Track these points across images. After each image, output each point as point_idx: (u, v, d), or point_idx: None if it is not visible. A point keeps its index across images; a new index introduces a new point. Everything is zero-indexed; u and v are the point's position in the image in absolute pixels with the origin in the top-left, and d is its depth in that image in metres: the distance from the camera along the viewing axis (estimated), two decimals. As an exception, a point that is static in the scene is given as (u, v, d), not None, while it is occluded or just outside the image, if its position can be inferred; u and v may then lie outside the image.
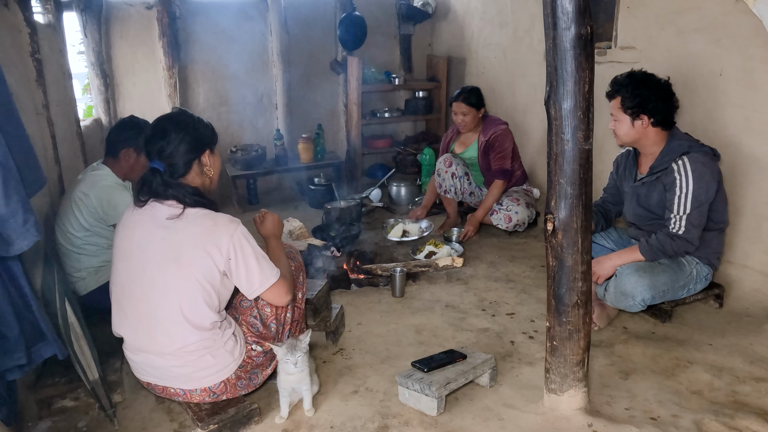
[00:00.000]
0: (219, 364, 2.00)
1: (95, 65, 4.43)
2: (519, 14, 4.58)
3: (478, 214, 3.99)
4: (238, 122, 5.12)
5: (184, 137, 1.93)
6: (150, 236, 1.92)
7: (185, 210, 1.91)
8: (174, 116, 2.02)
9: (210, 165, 2.02)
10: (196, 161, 1.97)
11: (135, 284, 1.96)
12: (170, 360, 1.97)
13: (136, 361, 2.05)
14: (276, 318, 2.19)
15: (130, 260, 1.96)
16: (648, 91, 2.61)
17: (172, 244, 1.89)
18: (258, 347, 2.11)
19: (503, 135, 3.93)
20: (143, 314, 1.96)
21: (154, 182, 1.92)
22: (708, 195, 2.57)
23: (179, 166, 1.93)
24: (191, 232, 1.89)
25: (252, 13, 4.98)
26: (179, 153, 1.92)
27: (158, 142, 1.92)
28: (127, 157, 2.82)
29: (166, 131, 1.93)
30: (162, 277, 1.90)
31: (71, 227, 2.72)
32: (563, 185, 1.88)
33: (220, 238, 1.89)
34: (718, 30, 2.98)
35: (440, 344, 2.64)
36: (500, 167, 3.93)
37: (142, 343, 2.00)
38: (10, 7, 2.83)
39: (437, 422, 2.08)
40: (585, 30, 1.76)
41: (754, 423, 1.99)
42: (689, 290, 2.75)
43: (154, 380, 2.05)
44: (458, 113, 3.99)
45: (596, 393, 2.22)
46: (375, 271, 3.34)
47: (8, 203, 1.61)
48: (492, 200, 3.97)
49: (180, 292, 1.90)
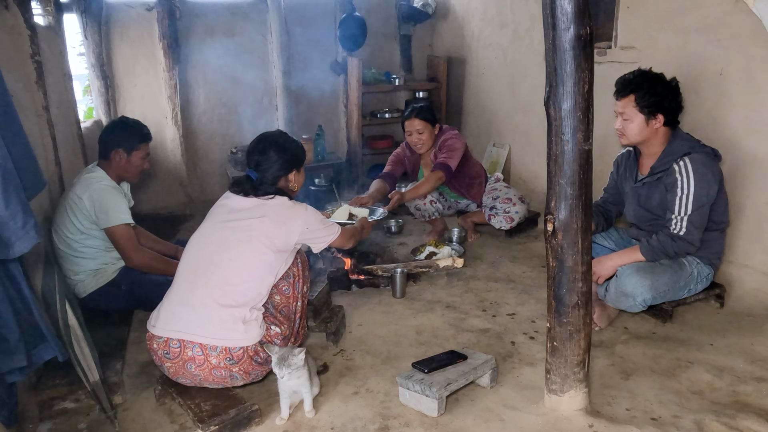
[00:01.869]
0: (247, 331, 2.12)
1: (95, 67, 4.43)
2: (519, 14, 4.58)
3: (407, 195, 3.64)
4: (239, 123, 5.11)
5: (279, 158, 2.34)
6: (241, 204, 2.29)
7: (271, 198, 2.30)
8: (276, 137, 2.43)
9: (294, 181, 2.44)
10: (284, 177, 2.39)
11: (216, 233, 2.26)
12: (213, 305, 2.11)
13: (166, 311, 2.17)
14: (286, 306, 2.36)
15: (216, 216, 2.32)
16: (664, 89, 2.60)
17: (260, 209, 2.25)
18: (276, 328, 2.23)
19: (454, 138, 3.72)
20: (211, 258, 2.20)
21: (246, 185, 2.31)
22: (709, 196, 2.56)
23: (269, 178, 2.34)
24: (275, 203, 2.28)
25: (252, 14, 4.98)
26: (272, 169, 2.34)
27: (257, 156, 2.34)
28: (118, 158, 2.83)
29: (266, 150, 2.35)
30: (245, 229, 2.22)
31: (67, 231, 2.72)
32: (563, 186, 1.88)
33: (298, 211, 2.31)
34: (718, 30, 2.97)
35: (441, 345, 2.64)
36: (442, 161, 3.66)
37: (193, 286, 2.16)
38: (10, 9, 2.83)
39: (438, 423, 2.07)
40: (584, 30, 1.75)
41: (755, 423, 1.99)
42: (690, 290, 2.75)
43: (180, 333, 2.10)
44: (413, 132, 3.69)
45: (597, 393, 2.22)
46: (375, 271, 3.34)
47: (8, 206, 1.61)
48: (426, 188, 3.66)
49: (254, 246, 2.20)
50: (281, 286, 2.34)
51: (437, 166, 3.68)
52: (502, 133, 4.98)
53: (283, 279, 2.33)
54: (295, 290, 2.38)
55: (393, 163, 3.93)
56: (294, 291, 2.38)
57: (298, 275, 2.39)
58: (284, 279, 2.34)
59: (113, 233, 2.73)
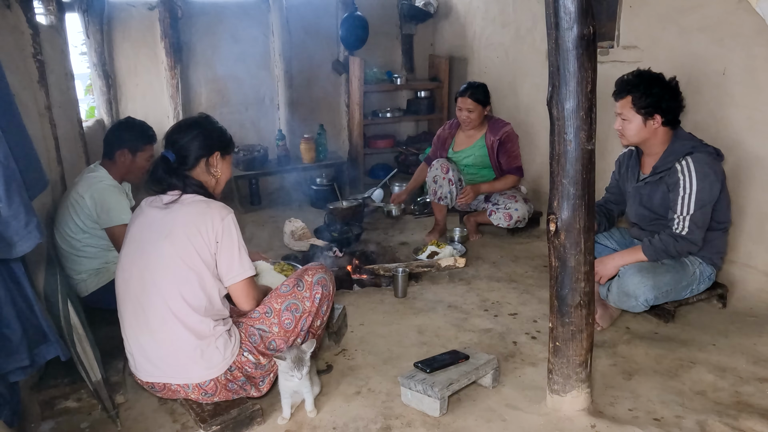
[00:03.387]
0: (208, 361, 1.98)
1: (97, 66, 4.43)
2: (521, 14, 4.58)
3: (483, 187, 3.91)
4: (240, 123, 5.11)
5: (198, 135, 2.10)
6: (149, 220, 2.04)
7: (182, 195, 2.04)
8: (196, 117, 2.24)
9: (217, 167, 2.15)
10: (204, 159, 2.11)
11: (135, 265, 2.02)
12: (163, 345, 1.97)
13: (136, 355, 2.04)
14: (284, 340, 2.15)
15: (131, 244, 2.06)
16: (661, 90, 2.59)
17: (167, 224, 1.99)
18: (250, 356, 2.08)
19: (513, 135, 3.92)
20: (140, 295, 1.99)
21: (161, 168, 2.06)
22: (711, 196, 2.56)
23: (188, 158, 2.08)
24: (185, 212, 2.00)
25: (254, 14, 4.98)
26: (191, 147, 2.08)
27: (175, 135, 2.11)
28: (122, 158, 2.83)
29: (184, 127, 2.14)
30: (157, 256, 1.97)
31: (69, 230, 2.72)
32: (566, 186, 1.88)
33: (213, 218, 1.99)
34: (721, 29, 2.97)
35: (443, 345, 2.63)
36: (515, 166, 3.93)
37: (140, 326, 1.99)
38: (12, 9, 2.83)
39: (440, 423, 2.07)
40: (587, 30, 1.75)
41: (758, 424, 1.99)
42: (692, 290, 2.74)
43: (152, 378, 2.04)
44: (464, 109, 3.87)
45: (599, 394, 2.21)
46: (377, 271, 3.34)
47: (10, 205, 1.61)
48: (501, 185, 3.94)
49: (173, 270, 1.95)
50: (284, 317, 2.14)
51: (512, 171, 3.94)
52: (504, 132, 4.97)
53: (289, 311, 2.15)
54: (298, 326, 2.18)
55: (435, 147, 4.16)
56: (296, 326, 2.17)
57: (307, 311, 2.20)
58: (290, 311, 2.16)
59: (114, 233, 2.73)
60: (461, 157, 4.06)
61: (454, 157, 4.06)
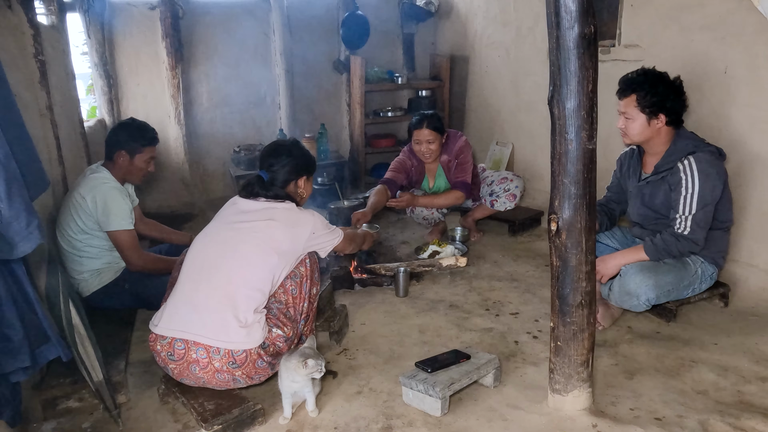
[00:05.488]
0: (249, 334, 2.11)
1: (99, 66, 4.43)
2: (522, 12, 4.57)
3: (421, 200, 3.69)
4: (241, 122, 5.12)
5: (289, 162, 2.43)
6: (246, 207, 2.34)
7: (280, 202, 2.36)
8: (288, 145, 2.54)
9: (303, 188, 2.51)
10: (293, 182, 2.45)
11: (220, 234, 2.30)
12: (215, 306, 2.12)
13: (180, 307, 2.17)
14: (292, 307, 2.35)
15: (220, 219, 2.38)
16: (666, 89, 2.58)
17: (266, 212, 2.30)
18: (279, 331, 2.22)
19: (466, 147, 3.71)
20: (216, 257, 2.22)
21: (257, 186, 2.37)
22: (714, 195, 2.55)
23: (278, 180, 2.41)
24: (282, 207, 2.33)
25: (255, 13, 4.98)
26: (283, 171, 2.41)
27: (269, 159, 2.43)
28: (121, 160, 2.83)
29: (279, 153, 2.44)
30: (249, 228, 2.26)
31: (71, 230, 2.73)
32: (567, 185, 1.88)
33: (306, 219, 2.37)
34: (722, 27, 2.96)
35: (444, 344, 2.63)
36: (462, 180, 3.68)
37: (201, 280, 2.18)
38: (13, 9, 2.83)
39: (441, 423, 2.07)
40: (588, 29, 1.75)
41: (760, 423, 1.98)
42: (694, 290, 2.74)
43: (184, 333, 2.10)
44: (423, 141, 3.61)
45: (601, 393, 2.21)
46: (378, 270, 3.34)
47: (11, 206, 1.61)
48: (442, 201, 3.71)
49: (260, 246, 2.22)
50: (288, 285, 2.33)
51: (457, 185, 3.69)
52: (505, 131, 4.97)
53: (289, 278, 2.33)
54: (302, 290, 2.37)
55: (396, 170, 3.83)
56: (301, 291, 2.37)
57: (306, 276, 2.38)
58: (291, 278, 2.33)
59: (114, 237, 2.75)
60: (435, 189, 3.92)
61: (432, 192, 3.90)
